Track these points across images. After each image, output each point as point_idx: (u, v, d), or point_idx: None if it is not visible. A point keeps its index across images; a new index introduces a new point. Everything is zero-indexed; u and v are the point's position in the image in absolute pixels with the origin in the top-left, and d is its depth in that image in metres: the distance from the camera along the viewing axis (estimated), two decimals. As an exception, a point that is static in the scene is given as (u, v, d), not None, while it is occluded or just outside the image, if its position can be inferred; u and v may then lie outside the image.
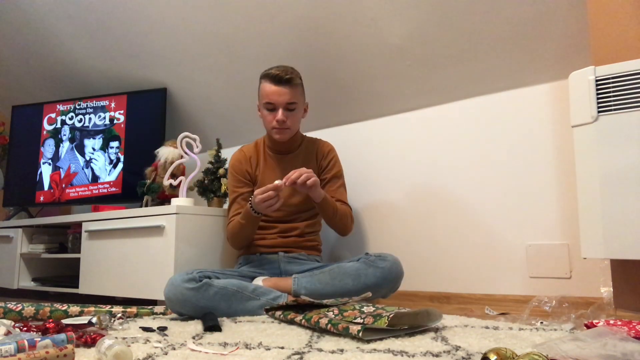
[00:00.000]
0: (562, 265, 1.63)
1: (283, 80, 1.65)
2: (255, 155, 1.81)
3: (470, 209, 1.84)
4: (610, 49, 1.34)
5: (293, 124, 1.72)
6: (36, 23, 2.69)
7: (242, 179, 1.78)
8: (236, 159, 1.82)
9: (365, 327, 1.05)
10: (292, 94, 1.67)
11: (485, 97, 1.85)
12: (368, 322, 1.09)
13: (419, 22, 1.80)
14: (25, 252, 2.53)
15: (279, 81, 1.65)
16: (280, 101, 1.66)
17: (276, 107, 1.68)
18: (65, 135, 2.77)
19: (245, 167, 1.79)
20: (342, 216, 1.71)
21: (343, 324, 1.10)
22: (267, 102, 1.68)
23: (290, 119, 1.69)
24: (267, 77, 1.68)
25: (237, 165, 1.81)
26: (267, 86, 1.67)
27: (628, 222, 1.20)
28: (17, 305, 1.41)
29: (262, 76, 1.71)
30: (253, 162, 1.80)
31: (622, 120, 1.22)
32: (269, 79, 1.67)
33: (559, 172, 1.66)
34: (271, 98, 1.66)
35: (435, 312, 1.17)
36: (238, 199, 1.77)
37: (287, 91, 1.66)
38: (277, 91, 1.65)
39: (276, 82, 1.65)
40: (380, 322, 1.08)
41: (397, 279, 1.59)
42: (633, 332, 1.00)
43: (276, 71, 1.66)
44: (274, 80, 1.65)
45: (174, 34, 2.35)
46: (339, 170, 1.83)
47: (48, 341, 0.94)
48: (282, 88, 1.65)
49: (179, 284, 1.43)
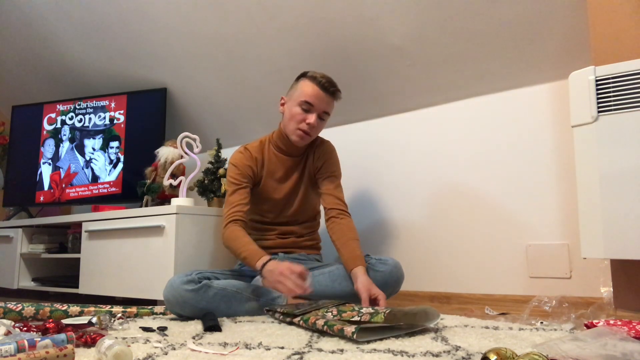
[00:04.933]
0: (562, 265, 1.63)
1: (330, 89, 1.67)
2: (260, 155, 1.78)
3: (470, 209, 1.84)
4: (610, 49, 1.34)
5: (316, 132, 1.73)
6: (36, 23, 2.69)
7: (245, 174, 1.72)
8: (241, 156, 1.76)
9: (359, 328, 1.05)
10: (330, 106, 1.71)
11: (485, 97, 1.85)
12: (365, 319, 1.09)
13: (419, 22, 1.80)
14: (25, 252, 2.53)
15: (326, 89, 1.66)
16: (319, 107, 1.67)
17: (312, 111, 1.67)
18: (65, 135, 2.77)
19: (249, 164, 1.74)
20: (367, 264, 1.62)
21: (338, 325, 1.10)
22: (306, 102, 1.66)
23: (317, 127, 1.70)
24: (314, 79, 1.67)
25: (241, 162, 1.74)
26: (312, 87, 1.66)
27: (628, 222, 1.20)
28: (17, 305, 1.41)
29: (308, 76, 1.69)
30: (259, 162, 1.77)
31: (622, 120, 1.22)
32: (316, 82, 1.66)
33: (559, 172, 1.66)
34: (313, 100, 1.66)
35: (433, 312, 1.17)
36: (239, 190, 1.70)
37: (329, 100, 1.69)
38: (321, 96, 1.66)
39: (323, 88, 1.66)
40: (377, 317, 1.08)
41: (398, 283, 1.58)
42: (633, 332, 1.00)
43: (325, 78, 1.67)
44: (321, 85, 1.66)
45: (174, 34, 2.35)
46: (337, 169, 1.81)
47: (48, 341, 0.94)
48: (327, 95, 1.67)
49: (178, 286, 1.43)
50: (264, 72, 2.26)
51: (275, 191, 1.76)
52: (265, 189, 1.76)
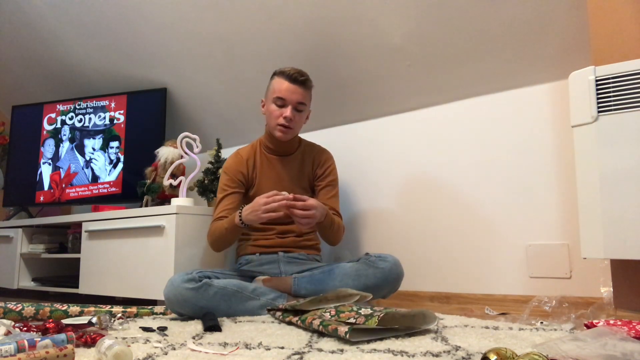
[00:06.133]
0: (562, 265, 1.63)
1: (298, 80, 1.69)
2: (252, 157, 1.81)
3: (470, 209, 1.84)
4: (610, 49, 1.34)
5: (297, 124, 1.75)
6: (36, 23, 2.69)
7: (235, 179, 1.77)
8: (232, 161, 1.81)
9: (353, 328, 1.05)
10: (303, 95, 1.71)
11: (485, 97, 1.85)
12: (360, 322, 1.09)
13: (419, 22, 1.80)
14: (25, 252, 2.53)
15: (294, 80, 1.68)
16: (291, 99, 1.69)
17: (286, 104, 1.69)
18: (65, 135, 2.77)
19: (240, 169, 1.78)
20: (337, 229, 1.71)
21: (333, 325, 1.10)
22: (278, 97, 1.69)
23: (296, 119, 1.71)
24: (282, 74, 1.70)
25: (232, 167, 1.79)
26: (281, 82, 1.69)
27: (628, 222, 1.20)
28: (17, 305, 1.41)
29: (277, 73, 1.73)
30: (250, 164, 1.80)
31: (622, 120, 1.22)
32: (284, 76, 1.69)
33: (559, 172, 1.66)
34: (283, 94, 1.68)
35: (430, 315, 1.17)
36: (228, 196, 1.74)
37: (300, 91, 1.70)
38: (291, 89, 1.68)
39: (291, 81, 1.68)
40: (370, 322, 1.08)
41: (398, 280, 1.59)
42: (633, 332, 1.00)
43: (292, 70, 1.69)
44: (289, 78, 1.68)
45: (174, 34, 2.35)
46: (335, 178, 1.84)
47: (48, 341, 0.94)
48: (297, 87, 1.69)
49: (179, 284, 1.43)
50: (264, 71, 2.25)
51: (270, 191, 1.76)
52: (260, 190, 1.76)
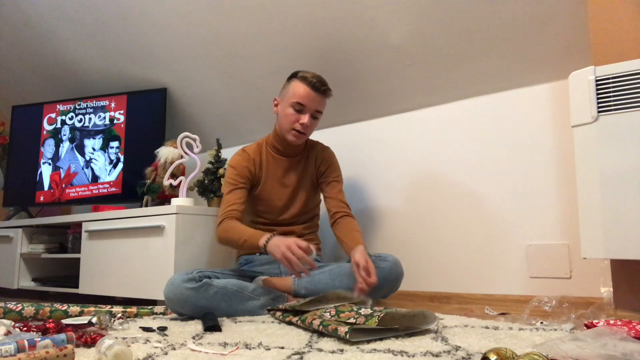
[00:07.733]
0: (562, 265, 1.63)
1: (320, 89, 1.69)
2: (258, 156, 1.80)
3: (470, 209, 1.84)
4: (610, 49, 1.34)
5: (311, 131, 1.76)
6: (36, 23, 2.69)
7: (243, 175, 1.75)
8: (238, 157, 1.79)
9: (353, 328, 1.05)
10: (322, 104, 1.73)
11: (485, 97, 1.85)
12: (360, 322, 1.09)
13: (419, 22, 1.80)
14: (25, 252, 2.53)
15: (316, 89, 1.68)
16: (311, 107, 1.69)
17: (304, 111, 1.69)
18: (65, 135, 2.77)
19: (247, 166, 1.76)
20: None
21: (333, 325, 1.10)
22: (297, 103, 1.68)
23: (311, 126, 1.73)
24: (304, 79, 1.69)
25: (239, 162, 1.76)
26: (303, 88, 1.68)
27: (628, 222, 1.20)
28: (17, 305, 1.41)
29: (298, 77, 1.70)
30: (257, 163, 1.78)
31: (622, 120, 1.22)
32: (307, 82, 1.68)
33: (559, 172, 1.66)
34: (304, 101, 1.68)
35: (430, 315, 1.17)
36: (237, 190, 1.71)
37: (320, 100, 1.71)
38: (312, 96, 1.68)
39: (314, 88, 1.68)
40: (370, 322, 1.08)
41: (398, 279, 1.59)
42: (633, 332, 1.00)
43: (315, 78, 1.68)
44: (311, 85, 1.68)
45: (174, 34, 2.35)
46: (339, 174, 1.86)
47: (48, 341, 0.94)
48: (318, 95, 1.69)
49: (179, 284, 1.43)
50: (264, 71, 2.26)
51: (275, 192, 1.77)
52: (265, 190, 1.76)
